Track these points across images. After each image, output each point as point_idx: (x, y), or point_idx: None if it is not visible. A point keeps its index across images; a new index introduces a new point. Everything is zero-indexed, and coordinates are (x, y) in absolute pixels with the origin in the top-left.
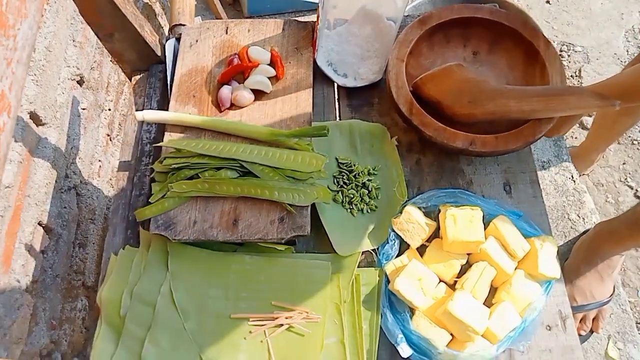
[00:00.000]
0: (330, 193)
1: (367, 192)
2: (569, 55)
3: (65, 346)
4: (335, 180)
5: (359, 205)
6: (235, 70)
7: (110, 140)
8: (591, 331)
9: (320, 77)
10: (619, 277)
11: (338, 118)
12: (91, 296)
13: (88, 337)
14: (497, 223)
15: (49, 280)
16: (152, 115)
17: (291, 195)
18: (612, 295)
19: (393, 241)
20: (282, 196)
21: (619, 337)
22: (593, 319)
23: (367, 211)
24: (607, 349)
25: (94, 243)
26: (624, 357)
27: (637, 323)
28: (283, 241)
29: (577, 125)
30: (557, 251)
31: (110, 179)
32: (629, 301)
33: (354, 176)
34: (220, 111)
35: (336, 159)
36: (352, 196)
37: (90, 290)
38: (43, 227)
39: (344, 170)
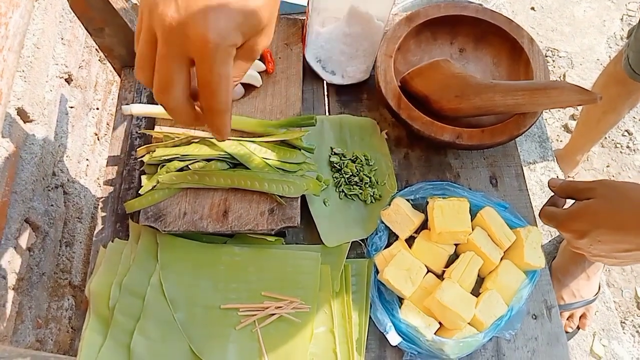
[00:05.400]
0: (320, 185)
1: (368, 180)
2: (553, 61)
3: (51, 345)
4: (331, 167)
5: (366, 191)
6: None
7: (98, 139)
8: (578, 328)
9: (310, 73)
10: (603, 276)
11: (328, 113)
12: (77, 295)
13: (74, 337)
14: (484, 214)
15: (35, 278)
16: (140, 108)
17: (281, 186)
18: (597, 293)
19: (382, 232)
20: (272, 188)
21: (603, 334)
22: (580, 317)
23: (372, 201)
24: (592, 345)
25: (80, 242)
26: (608, 354)
27: (621, 322)
28: (273, 232)
29: (562, 128)
30: (544, 249)
31: (98, 178)
32: (614, 301)
33: (356, 166)
34: None
35: (331, 147)
36: (359, 187)
37: (77, 290)
38: (30, 225)
39: (345, 160)
